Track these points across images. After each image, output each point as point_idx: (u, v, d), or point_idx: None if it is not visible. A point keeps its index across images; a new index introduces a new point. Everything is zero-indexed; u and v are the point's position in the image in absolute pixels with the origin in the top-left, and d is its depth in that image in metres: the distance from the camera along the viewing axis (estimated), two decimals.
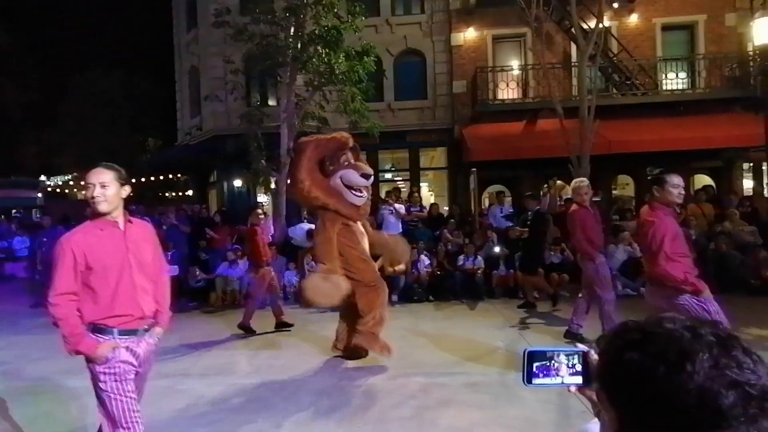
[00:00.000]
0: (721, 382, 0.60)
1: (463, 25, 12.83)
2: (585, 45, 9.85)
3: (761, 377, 0.61)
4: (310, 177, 4.80)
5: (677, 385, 0.62)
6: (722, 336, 0.65)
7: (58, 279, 2.26)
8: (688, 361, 0.62)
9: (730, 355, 0.63)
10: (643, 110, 11.51)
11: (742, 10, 12.09)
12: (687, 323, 0.67)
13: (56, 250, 2.30)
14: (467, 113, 12.78)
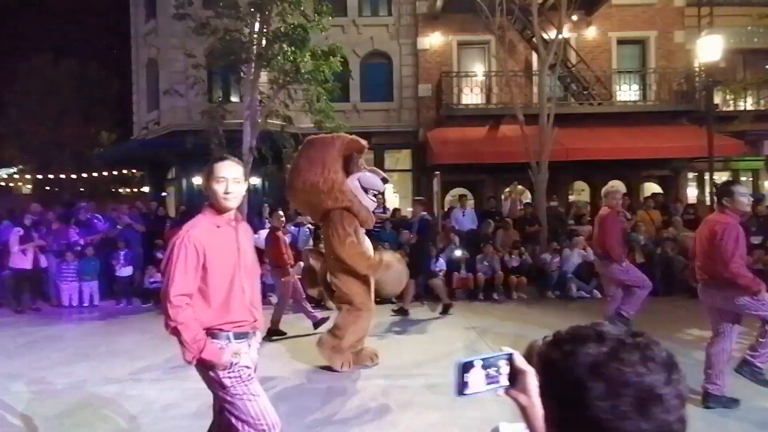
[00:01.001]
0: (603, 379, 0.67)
1: (429, 29, 12.99)
2: (545, 55, 10.18)
3: (649, 383, 0.67)
4: (340, 173, 4.49)
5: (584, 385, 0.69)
6: (631, 343, 0.71)
7: (179, 277, 2.06)
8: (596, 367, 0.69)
9: (622, 358, 0.69)
10: (599, 119, 12.01)
11: (689, 28, 12.82)
12: (604, 329, 0.74)
13: (175, 244, 2.11)
14: (432, 116, 12.94)
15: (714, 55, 9.66)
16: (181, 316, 2.05)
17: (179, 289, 2.06)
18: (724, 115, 12.07)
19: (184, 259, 2.08)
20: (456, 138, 12.03)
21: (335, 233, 4.44)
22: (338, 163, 4.50)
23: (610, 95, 12.64)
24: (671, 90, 12.64)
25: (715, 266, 3.60)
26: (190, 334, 2.05)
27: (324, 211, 4.59)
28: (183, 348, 2.07)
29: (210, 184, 2.19)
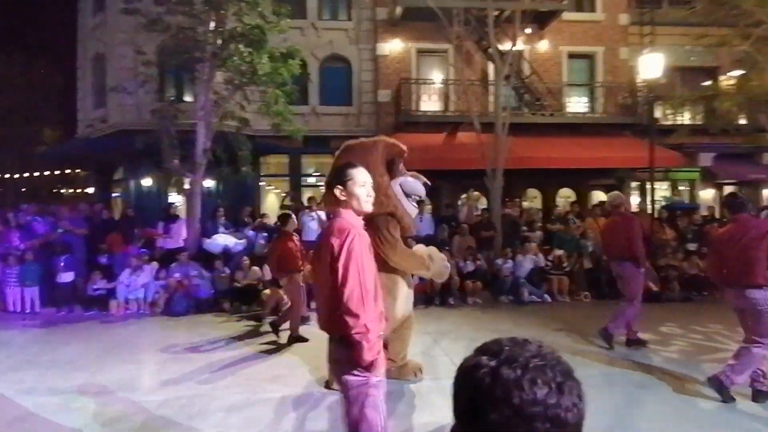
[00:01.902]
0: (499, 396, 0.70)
1: (388, 35, 13.10)
2: (501, 65, 10.49)
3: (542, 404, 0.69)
4: (385, 176, 4.29)
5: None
6: (527, 360, 0.73)
7: (360, 278, 2.04)
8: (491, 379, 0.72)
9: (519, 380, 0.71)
10: (551, 129, 12.49)
11: (633, 46, 13.58)
12: (516, 345, 0.76)
13: (353, 244, 2.07)
14: (391, 122, 13.03)
15: (655, 71, 10.27)
16: (369, 318, 2.02)
17: (362, 290, 2.03)
18: (664, 129, 12.84)
19: (359, 259, 2.07)
20: (415, 144, 12.07)
21: (384, 239, 4.19)
22: (383, 167, 4.39)
23: (561, 106, 13.18)
24: (616, 103, 13.34)
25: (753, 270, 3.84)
26: (374, 335, 2.03)
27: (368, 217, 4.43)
28: (363, 349, 2.01)
29: (353, 189, 2.23)
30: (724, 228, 4.56)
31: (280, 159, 13.43)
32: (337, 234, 2.12)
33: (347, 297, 2.03)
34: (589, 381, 4.27)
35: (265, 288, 7.77)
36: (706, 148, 13.22)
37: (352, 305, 2.02)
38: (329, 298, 2.13)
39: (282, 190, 14.11)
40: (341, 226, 2.16)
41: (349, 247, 2.08)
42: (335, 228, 2.17)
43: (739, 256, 3.90)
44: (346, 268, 2.05)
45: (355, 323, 2.01)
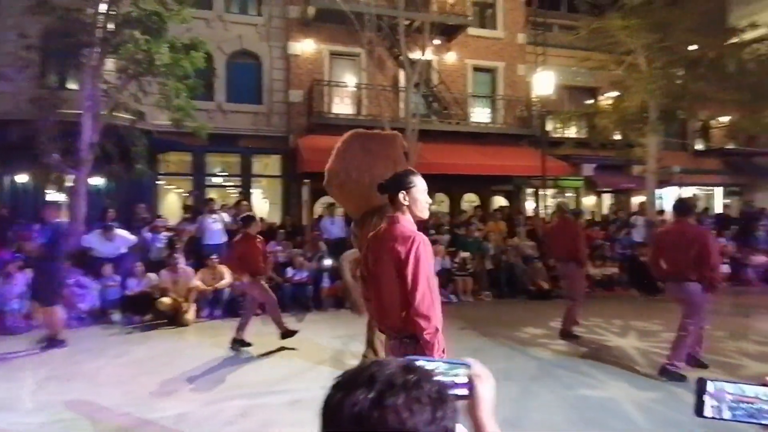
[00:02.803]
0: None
1: (300, 35, 12.89)
2: (411, 73, 10.83)
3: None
4: None
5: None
6: (399, 384, 0.70)
7: (428, 282, 2.19)
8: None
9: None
10: (457, 137, 13.13)
11: (529, 63, 14.77)
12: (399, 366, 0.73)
13: (420, 249, 2.19)
14: (303, 123, 12.81)
15: (547, 88, 11.30)
16: (437, 319, 2.18)
17: (432, 294, 2.18)
18: (554, 141, 14.11)
19: (426, 265, 2.20)
20: (327, 146, 11.87)
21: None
22: (405, 163, 4.43)
23: (466, 116, 13.92)
24: (515, 116, 14.40)
25: (697, 267, 4.44)
26: (440, 335, 2.20)
27: (375, 206, 4.31)
28: (434, 348, 2.15)
29: (416, 195, 2.31)
30: (665, 228, 5.16)
31: (182, 157, 12.57)
32: (402, 241, 2.23)
33: (419, 301, 2.18)
34: None
35: (162, 296, 7.20)
36: (589, 159, 14.77)
37: (424, 309, 2.18)
38: (396, 301, 2.26)
39: (184, 190, 13.23)
40: (404, 233, 2.25)
41: (416, 253, 2.20)
42: (398, 234, 2.26)
43: (679, 254, 4.43)
44: (416, 274, 2.18)
45: (427, 325, 2.18)
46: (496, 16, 14.80)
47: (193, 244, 8.53)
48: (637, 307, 8.12)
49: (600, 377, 4.70)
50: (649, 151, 12.84)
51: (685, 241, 4.45)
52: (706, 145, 17.37)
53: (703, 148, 17.27)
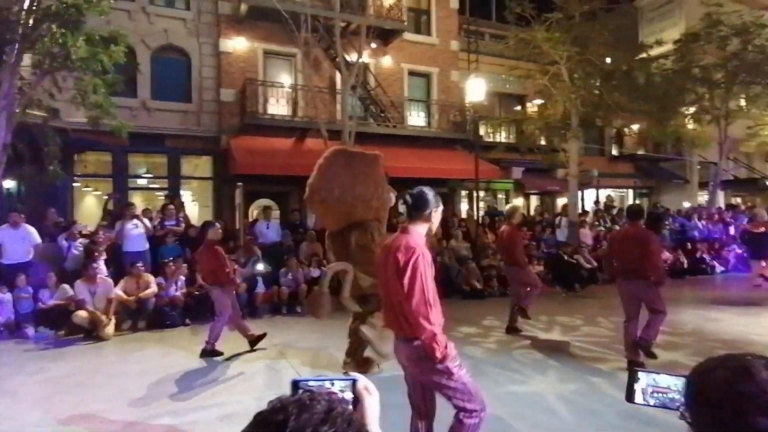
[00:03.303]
0: None
1: (232, 32, 12.45)
2: (347, 75, 10.81)
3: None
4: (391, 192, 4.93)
5: None
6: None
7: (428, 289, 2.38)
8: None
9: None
10: (394, 140, 13.27)
11: (462, 70, 15.28)
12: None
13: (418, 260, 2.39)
14: (236, 123, 12.38)
15: (479, 95, 11.71)
16: (433, 323, 2.38)
17: (426, 302, 2.37)
18: (486, 145, 14.69)
19: (423, 276, 2.38)
20: (261, 147, 11.77)
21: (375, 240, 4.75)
22: (386, 183, 4.95)
23: (403, 119, 14.13)
24: (449, 120, 14.82)
25: (646, 265, 4.90)
26: (442, 337, 2.40)
27: (355, 221, 4.79)
28: (436, 348, 2.37)
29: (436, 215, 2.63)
30: (619, 231, 5.50)
31: (102, 157, 11.70)
32: (404, 251, 2.43)
33: (415, 308, 2.38)
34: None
35: (78, 309, 6.65)
36: (517, 163, 15.53)
37: (420, 316, 2.38)
38: (396, 304, 2.49)
39: (104, 193, 12.32)
40: (408, 244, 2.47)
41: (414, 264, 2.39)
42: (403, 245, 2.48)
43: (629, 254, 4.93)
44: (412, 283, 2.38)
45: (423, 330, 2.38)
46: (431, 22, 15.15)
47: (114, 251, 7.95)
48: (560, 304, 8.63)
49: (527, 372, 4.94)
50: (571, 155, 13.72)
51: (634, 243, 4.94)
52: (620, 151, 18.86)
53: (617, 154, 18.74)
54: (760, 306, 7.94)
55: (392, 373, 4.85)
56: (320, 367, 5.20)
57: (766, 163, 20.24)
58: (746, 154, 19.45)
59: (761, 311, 7.55)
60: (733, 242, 12.89)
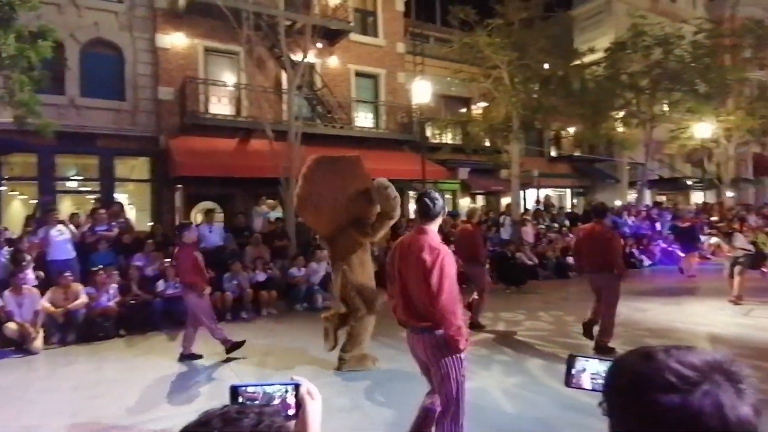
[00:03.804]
0: None
1: (170, 27, 11.89)
2: (293, 75, 10.62)
3: None
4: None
5: None
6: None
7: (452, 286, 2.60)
8: None
9: None
10: (341, 141, 13.19)
11: (409, 72, 15.47)
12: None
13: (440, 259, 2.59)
14: (175, 123, 11.83)
15: (425, 97, 11.89)
16: (459, 318, 2.57)
17: (453, 299, 2.57)
18: (432, 146, 14.96)
19: (450, 275, 2.58)
20: (203, 148, 11.32)
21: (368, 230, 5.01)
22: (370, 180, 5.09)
23: (350, 120, 14.09)
24: (396, 121, 14.95)
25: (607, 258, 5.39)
26: (463, 329, 2.60)
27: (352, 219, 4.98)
28: (460, 340, 2.58)
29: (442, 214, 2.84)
30: (585, 228, 5.96)
31: (29, 159, 10.82)
32: (429, 251, 2.62)
33: (443, 304, 2.56)
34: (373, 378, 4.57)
35: (8, 320, 6.14)
36: (463, 164, 15.92)
37: (447, 312, 2.56)
38: (419, 300, 2.67)
39: (30, 197, 11.39)
40: (431, 244, 2.66)
41: (441, 263, 2.59)
42: (426, 245, 2.65)
43: (593, 250, 5.39)
44: (441, 281, 2.57)
45: (450, 324, 2.58)
46: (377, 24, 15.22)
47: (39, 260, 7.37)
48: (504, 300, 8.92)
49: (473, 369, 5.03)
50: (513, 156, 14.25)
51: (599, 239, 5.40)
52: (558, 152, 19.81)
53: (555, 155, 19.68)
54: (683, 296, 8.60)
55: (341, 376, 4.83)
56: (266, 374, 5.07)
57: (686, 164, 21.99)
58: (669, 156, 21.02)
59: (683, 301, 8.17)
60: (659, 237, 13.88)
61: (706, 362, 0.67)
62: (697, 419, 0.62)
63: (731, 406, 0.63)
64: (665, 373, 0.66)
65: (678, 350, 0.69)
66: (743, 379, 0.67)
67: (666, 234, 13.89)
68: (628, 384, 0.69)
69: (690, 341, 5.77)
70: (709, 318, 6.83)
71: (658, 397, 0.64)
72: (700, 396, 0.63)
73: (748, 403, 0.64)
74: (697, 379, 0.64)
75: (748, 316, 6.88)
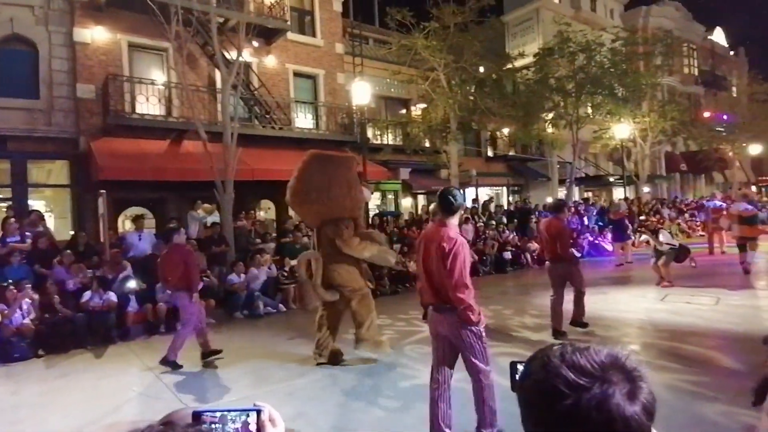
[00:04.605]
0: None
1: (90, 21, 11.05)
2: (227, 74, 10.22)
3: None
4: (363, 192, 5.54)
5: None
6: None
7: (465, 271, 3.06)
8: None
9: None
10: (281, 142, 12.91)
11: (348, 72, 15.41)
12: None
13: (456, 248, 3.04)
14: (97, 123, 11.02)
15: (364, 98, 11.89)
16: (470, 296, 3.05)
17: (465, 280, 3.04)
18: (374, 147, 15.01)
19: (462, 261, 3.04)
20: (129, 151, 10.61)
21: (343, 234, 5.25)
22: (359, 184, 5.49)
23: (290, 121, 13.80)
24: (337, 122, 14.84)
25: (560, 248, 5.96)
26: (476, 306, 3.08)
27: (330, 218, 5.28)
28: (471, 315, 3.04)
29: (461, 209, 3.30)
30: (545, 222, 6.64)
31: None
32: (447, 240, 3.07)
33: (455, 285, 3.03)
34: (316, 384, 4.48)
35: None
36: (404, 164, 16.10)
37: (459, 291, 3.02)
38: (437, 281, 3.16)
39: None
40: (449, 235, 3.11)
41: (456, 251, 3.03)
42: (446, 235, 3.11)
43: (550, 241, 6.02)
44: (453, 266, 3.02)
45: (462, 302, 3.03)
46: (315, 24, 15.03)
47: None
48: None
49: (417, 366, 5.09)
50: (451, 156, 14.61)
51: (552, 232, 6.06)
52: (494, 152, 20.59)
53: (492, 155, 20.43)
54: (608, 286, 9.19)
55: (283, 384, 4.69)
56: (203, 388, 4.82)
57: (608, 162, 23.63)
58: (594, 155, 22.49)
59: (609, 290, 8.73)
60: (587, 231, 14.78)
61: (600, 362, 0.70)
62: (585, 421, 0.65)
63: (618, 405, 0.65)
64: (556, 380, 0.69)
65: (573, 353, 0.72)
66: (639, 376, 0.69)
67: (592, 227, 14.83)
68: (528, 391, 0.73)
69: (615, 327, 6.18)
70: (631, 305, 7.35)
71: (552, 404, 0.67)
72: (587, 399, 0.66)
73: (639, 402, 0.67)
74: (586, 384, 0.67)
75: (664, 302, 7.47)
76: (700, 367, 4.56)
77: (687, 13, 29.38)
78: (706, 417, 3.52)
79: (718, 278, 8.83)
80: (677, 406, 3.64)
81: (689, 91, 28.58)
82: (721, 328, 5.82)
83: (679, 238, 12.71)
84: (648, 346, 5.41)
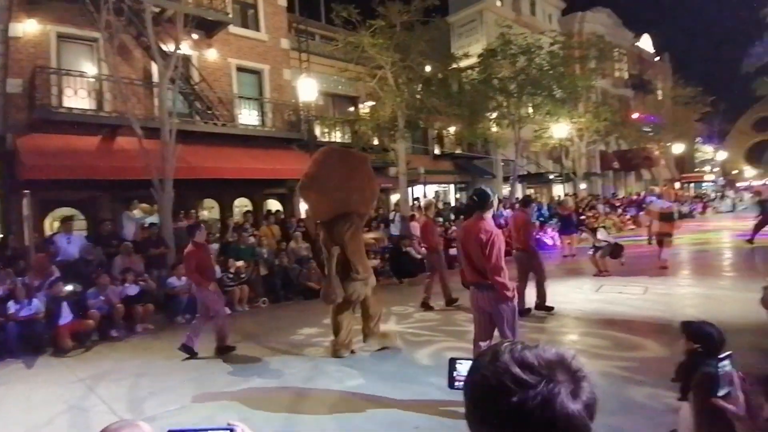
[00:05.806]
0: None
1: (24, 15, 10.19)
2: (164, 67, 9.75)
3: None
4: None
5: None
6: None
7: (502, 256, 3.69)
8: None
9: None
10: (224, 139, 12.49)
11: (294, 68, 15.15)
12: None
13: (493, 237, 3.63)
14: (23, 119, 10.18)
15: (311, 95, 11.74)
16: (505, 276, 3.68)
17: (501, 264, 3.67)
18: (321, 145, 14.78)
19: (499, 248, 3.66)
20: (58, 148, 9.88)
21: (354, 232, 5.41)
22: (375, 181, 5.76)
23: (233, 117, 13.38)
24: (283, 119, 14.55)
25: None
26: (510, 284, 3.75)
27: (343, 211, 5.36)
28: (507, 291, 3.68)
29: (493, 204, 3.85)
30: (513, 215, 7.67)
31: None
32: (485, 232, 3.64)
33: (493, 268, 3.63)
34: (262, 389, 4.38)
35: None
36: None
37: (497, 272, 3.63)
38: (477, 264, 3.76)
39: None
40: (486, 227, 3.68)
41: (493, 240, 3.62)
42: (483, 228, 3.68)
43: (519, 231, 6.74)
44: (491, 253, 3.62)
45: (499, 281, 3.64)
46: (259, 18, 14.64)
47: None
48: (396, 294, 9.20)
49: (363, 366, 5.11)
50: (399, 154, 14.74)
51: (519, 224, 6.79)
52: (441, 150, 20.98)
53: (439, 153, 20.82)
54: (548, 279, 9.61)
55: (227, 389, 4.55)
56: (139, 399, 4.58)
57: (548, 160, 24.74)
58: (535, 153, 23.46)
59: (551, 283, 9.13)
60: None
61: (548, 361, 0.71)
62: (529, 418, 0.67)
63: (562, 403, 0.68)
64: (504, 377, 0.70)
65: (522, 350, 0.73)
66: (583, 376, 0.72)
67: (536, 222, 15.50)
68: (476, 386, 0.73)
69: (554, 318, 6.49)
70: (569, 297, 7.74)
71: (499, 400, 0.68)
72: (533, 396, 0.67)
73: (582, 401, 0.70)
74: (533, 381, 0.69)
75: (599, 293, 7.94)
76: (629, 353, 4.88)
77: (618, 20, 31.28)
78: (635, 400, 3.77)
79: (647, 269, 9.46)
80: (609, 390, 3.88)
81: (620, 94, 30.48)
82: (648, 315, 6.25)
83: (612, 231, 13.58)
84: (584, 335, 5.73)
